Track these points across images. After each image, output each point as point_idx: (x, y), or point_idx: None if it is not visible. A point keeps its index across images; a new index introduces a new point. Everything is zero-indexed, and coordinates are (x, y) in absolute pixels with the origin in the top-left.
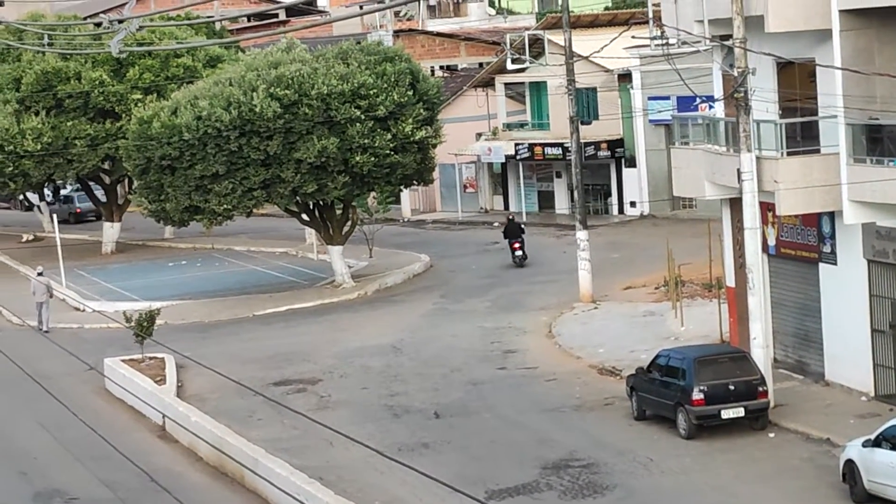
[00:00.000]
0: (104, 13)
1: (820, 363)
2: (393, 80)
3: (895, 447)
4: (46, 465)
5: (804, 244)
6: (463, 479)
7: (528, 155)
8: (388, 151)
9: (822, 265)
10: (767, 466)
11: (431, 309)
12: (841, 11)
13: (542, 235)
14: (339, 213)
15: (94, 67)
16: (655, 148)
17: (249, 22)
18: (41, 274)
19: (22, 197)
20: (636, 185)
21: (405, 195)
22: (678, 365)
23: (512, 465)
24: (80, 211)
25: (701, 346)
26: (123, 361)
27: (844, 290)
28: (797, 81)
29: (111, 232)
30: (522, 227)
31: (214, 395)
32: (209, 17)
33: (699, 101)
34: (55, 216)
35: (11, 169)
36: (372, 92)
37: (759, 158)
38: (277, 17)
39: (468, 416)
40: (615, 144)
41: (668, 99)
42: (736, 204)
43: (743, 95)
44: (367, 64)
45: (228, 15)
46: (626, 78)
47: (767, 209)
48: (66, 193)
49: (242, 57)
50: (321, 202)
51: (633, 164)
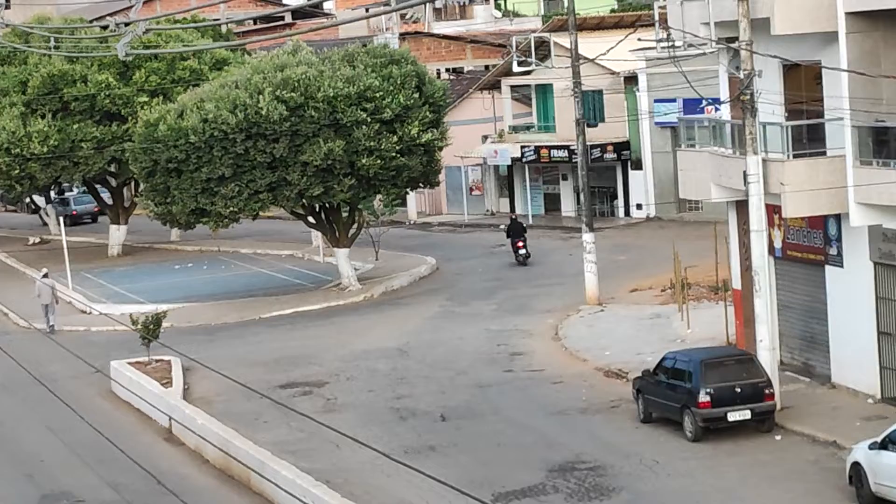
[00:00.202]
0: (110, 16)
1: (826, 366)
2: (399, 82)
3: None
4: (53, 467)
5: (810, 246)
6: (469, 481)
7: (534, 157)
8: (394, 154)
9: (828, 267)
10: (774, 469)
11: (437, 311)
12: (847, 14)
13: (548, 238)
14: (345, 215)
15: (100, 70)
16: (661, 150)
17: (255, 25)
18: (46, 276)
19: (28, 200)
20: (642, 187)
21: (411, 198)
22: (685, 367)
23: (518, 467)
24: (76, 213)
25: (707, 348)
26: (130, 364)
27: (851, 292)
28: (803, 84)
29: (117, 235)
30: (524, 226)
31: (221, 397)
32: (215, 20)
33: (705, 103)
34: (61, 219)
35: (18, 172)
36: (378, 94)
37: (765, 161)
38: (283, 19)
39: (474, 418)
40: (621, 147)
41: (674, 101)
42: (742, 206)
43: (749, 98)
44: (373, 66)
45: (235, 18)
46: (632, 80)
47: (773, 211)
48: (62, 196)
49: (249, 60)
50: (327, 205)
51: (639, 166)
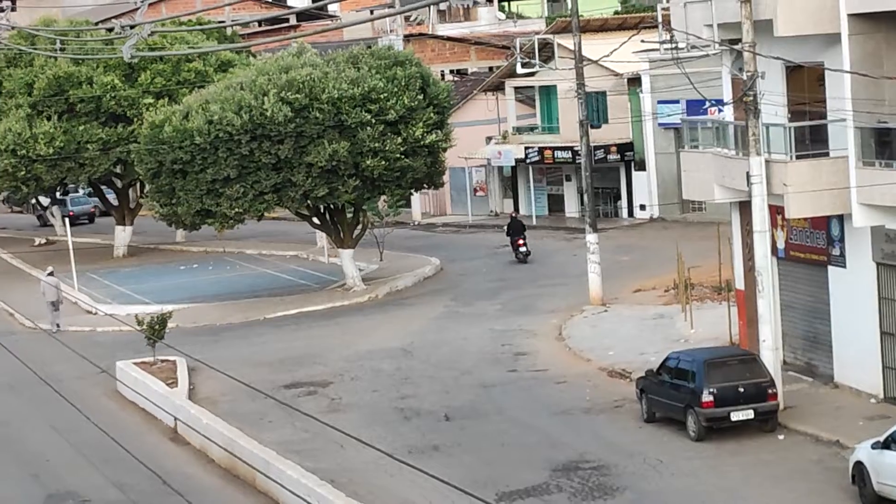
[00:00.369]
0: (116, 18)
1: (829, 365)
2: (403, 84)
3: None
4: (59, 467)
5: (813, 247)
6: (473, 481)
7: (537, 158)
8: (398, 155)
9: (831, 268)
10: (777, 468)
11: (442, 312)
12: (850, 15)
13: (551, 239)
14: (349, 216)
15: (106, 72)
16: (665, 151)
17: (261, 27)
18: (52, 274)
19: (35, 201)
20: (646, 188)
21: (415, 199)
22: (688, 367)
23: (522, 467)
24: (73, 214)
25: (710, 348)
26: (135, 364)
27: (853, 292)
28: (806, 85)
29: (123, 235)
30: (524, 225)
31: (226, 397)
32: (220, 22)
33: (708, 104)
34: (66, 219)
35: (24, 173)
36: (382, 96)
37: (768, 162)
38: (288, 21)
39: (478, 418)
40: (625, 148)
41: (677, 103)
42: (745, 207)
43: (752, 99)
44: (377, 68)
45: (240, 20)
46: (635, 82)
47: (777, 212)
48: (59, 196)
49: (254, 61)
50: (332, 206)
51: (642, 167)
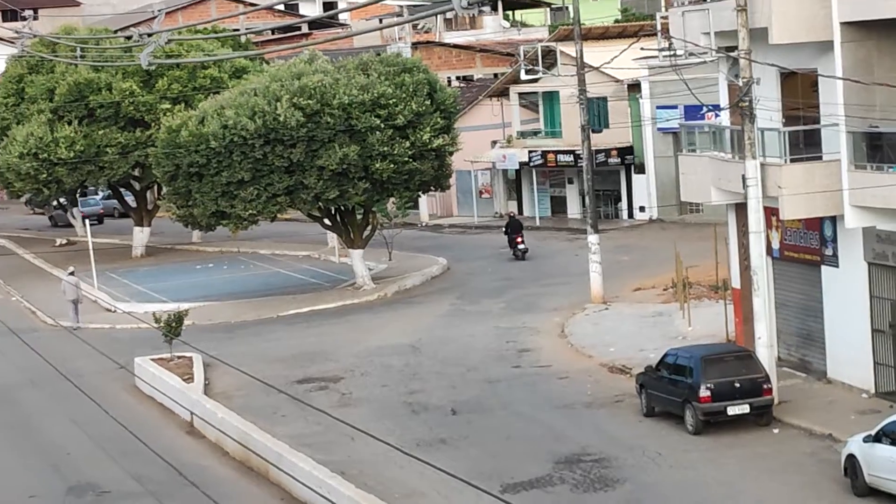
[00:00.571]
0: (134, 27)
1: (822, 362)
2: (411, 90)
3: (895, 442)
4: (79, 459)
5: (807, 247)
6: (479, 473)
7: (541, 162)
8: (406, 159)
9: (824, 267)
10: (772, 461)
11: (448, 310)
12: (842, 24)
13: (554, 239)
14: (359, 217)
15: (124, 78)
16: (663, 155)
17: (274, 35)
18: (72, 273)
19: (56, 203)
20: (645, 190)
21: (423, 200)
22: (686, 363)
23: (526, 459)
24: (83, 214)
25: (708, 345)
26: (153, 360)
27: (846, 291)
28: (800, 91)
29: (141, 236)
30: (522, 224)
31: (240, 392)
32: (235, 30)
33: (706, 109)
34: (87, 221)
35: (45, 176)
36: (391, 101)
37: (763, 165)
38: (300, 30)
39: (484, 412)
40: (625, 152)
41: (675, 108)
42: (741, 209)
43: (748, 104)
44: (386, 75)
45: (254, 28)
46: (635, 88)
47: (771, 214)
48: (61, 200)
49: (267, 68)
50: (342, 207)
51: (642, 170)
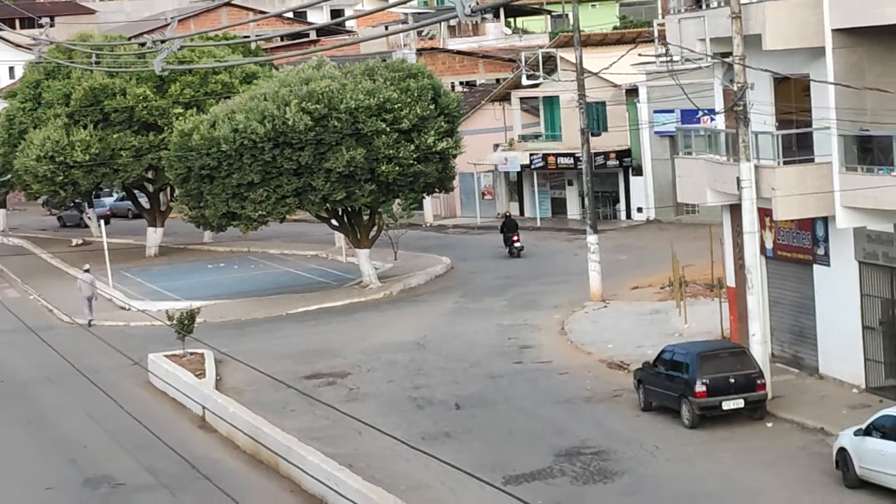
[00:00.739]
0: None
1: (814, 358)
2: (416, 95)
3: (885, 436)
4: (95, 453)
5: (800, 247)
6: (482, 465)
7: (541, 164)
8: (411, 161)
9: (816, 266)
10: (766, 454)
11: (452, 308)
12: (833, 30)
13: (554, 239)
14: (366, 218)
15: (138, 84)
16: (661, 158)
17: (283, 42)
18: (88, 271)
19: (73, 205)
20: (643, 192)
21: (427, 202)
22: (682, 359)
23: (528, 452)
24: (97, 216)
25: (703, 342)
26: (166, 357)
27: (837, 289)
28: (793, 95)
29: (154, 236)
30: (517, 223)
31: (251, 387)
32: (245, 37)
33: (701, 113)
34: (101, 222)
35: (62, 178)
36: (397, 106)
37: (757, 167)
38: (309, 37)
39: (487, 407)
40: (623, 154)
41: (672, 112)
42: (736, 210)
43: (742, 108)
44: (392, 80)
45: (263, 35)
46: (633, 92)
47: (765, 214)
48: (77, 200)
49: (276, 74)
50: (349, 208)
51: (639, 172)
